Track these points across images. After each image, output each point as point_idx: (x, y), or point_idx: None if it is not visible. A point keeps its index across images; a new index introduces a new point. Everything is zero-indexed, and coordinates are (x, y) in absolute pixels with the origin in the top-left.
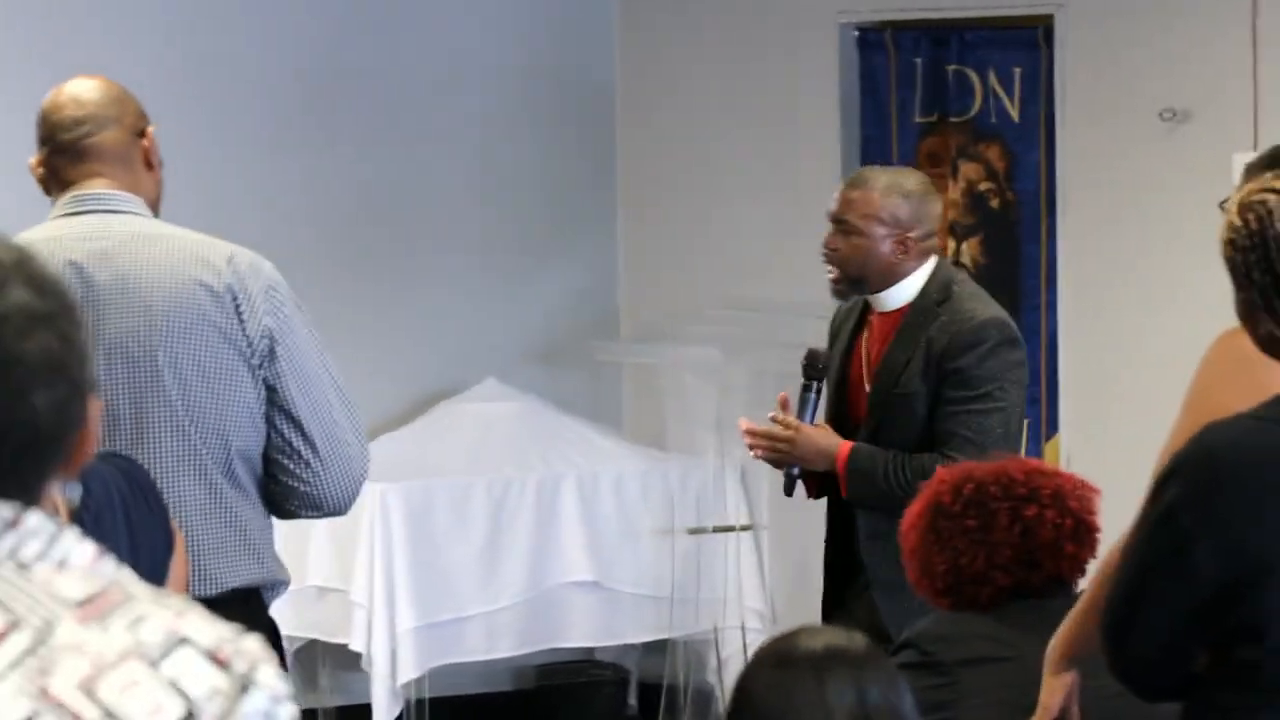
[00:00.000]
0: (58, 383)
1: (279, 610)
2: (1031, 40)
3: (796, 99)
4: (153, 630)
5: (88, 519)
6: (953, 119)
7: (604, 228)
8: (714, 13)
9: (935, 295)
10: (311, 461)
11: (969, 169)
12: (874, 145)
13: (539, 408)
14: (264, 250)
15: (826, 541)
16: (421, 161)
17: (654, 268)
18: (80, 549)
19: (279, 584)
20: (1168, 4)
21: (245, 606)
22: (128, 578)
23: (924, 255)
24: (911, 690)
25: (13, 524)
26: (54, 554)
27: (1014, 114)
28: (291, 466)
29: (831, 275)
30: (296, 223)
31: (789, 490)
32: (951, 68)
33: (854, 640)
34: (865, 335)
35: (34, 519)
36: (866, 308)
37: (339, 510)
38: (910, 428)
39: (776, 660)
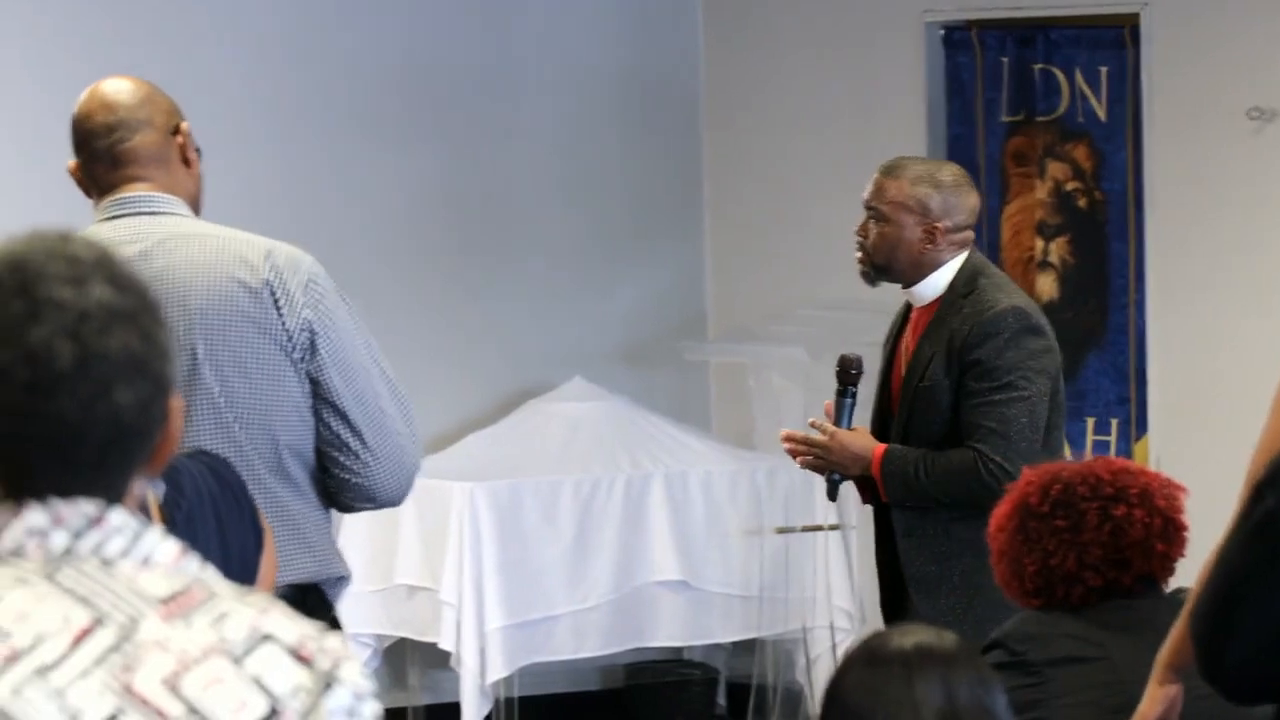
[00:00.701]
0: (140, 380)
1: (370, 609)
2: (1118, 39)
3: (882, 99)
4: (236, 627)
5: (180, 518)
6: (1039, 118)
7: (691, 227)
8: (799, 13)
9: (962, 288)
10: (361, 453)
11: (1056, 168)
12: (960, 145)
13: (626, 407)
14: (355, 248)
15: (876, 543)
16: (511, 162)
17: (740, 267)
18: (164, 547)
19: (339, 578)
20: (1254, 2)
21: (303, 603)
22: (211, 575)
23: (956, 248)
24: (1005, 690)
25: (96, 521)
26: (138, 551)
27: (1101, 113)
28: (342, 459)
29: (859, 259)
30: (389, 221)
31: (832, 495)
32: (1038, 67)
33: (945, 639)
34: (906, 332)
35: (118, 516)
36: (909, 305)
37: (393, 501)
38: (935, 421)
39: (867, 658)
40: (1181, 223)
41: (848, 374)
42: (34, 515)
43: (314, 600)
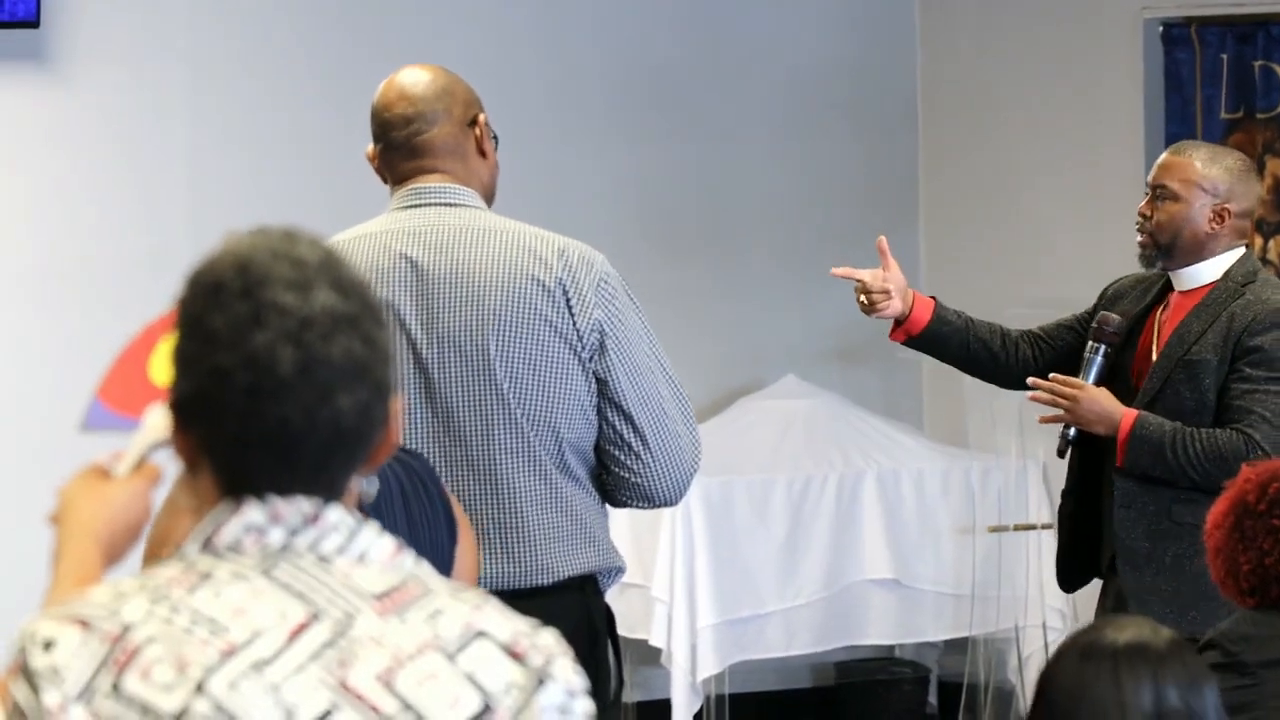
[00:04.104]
0: (361, 385)
1: None
2: None
3: (1100, 96)
4: (450, 623)
5: (366, 511)
6: (1259, 115)
7: (907, 227)
8: (1016, 10)
9: (1240, 277)
10: (641, 453)
11: (1276, 165)
12: (1182, 141)
13: (839, 405)
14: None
15: (1067, 513)
16: (729, 160)
17: (956, 267)
18: (380, 543)
19: (616, 570)
20: None
21: (581, 593)
22: (426, 571)
23: (1236, 235)
24: (1218, 691)
25: (313, 519)
26: (354, 548)
27: None
28: (622, 458)
29: (1141, 241)
30: (612, 218)
31: (1062, 452)
32: (1258, 63)
33: (1160, 636)
34: (1161, 310)
35: (334, 514)
36: (1167, 285)
37: (670, 501)
38: (1192, 397)
39: (1081, 651)
40: None
41: (1104, 332)
42: (252, 512)
43: (590, 591)
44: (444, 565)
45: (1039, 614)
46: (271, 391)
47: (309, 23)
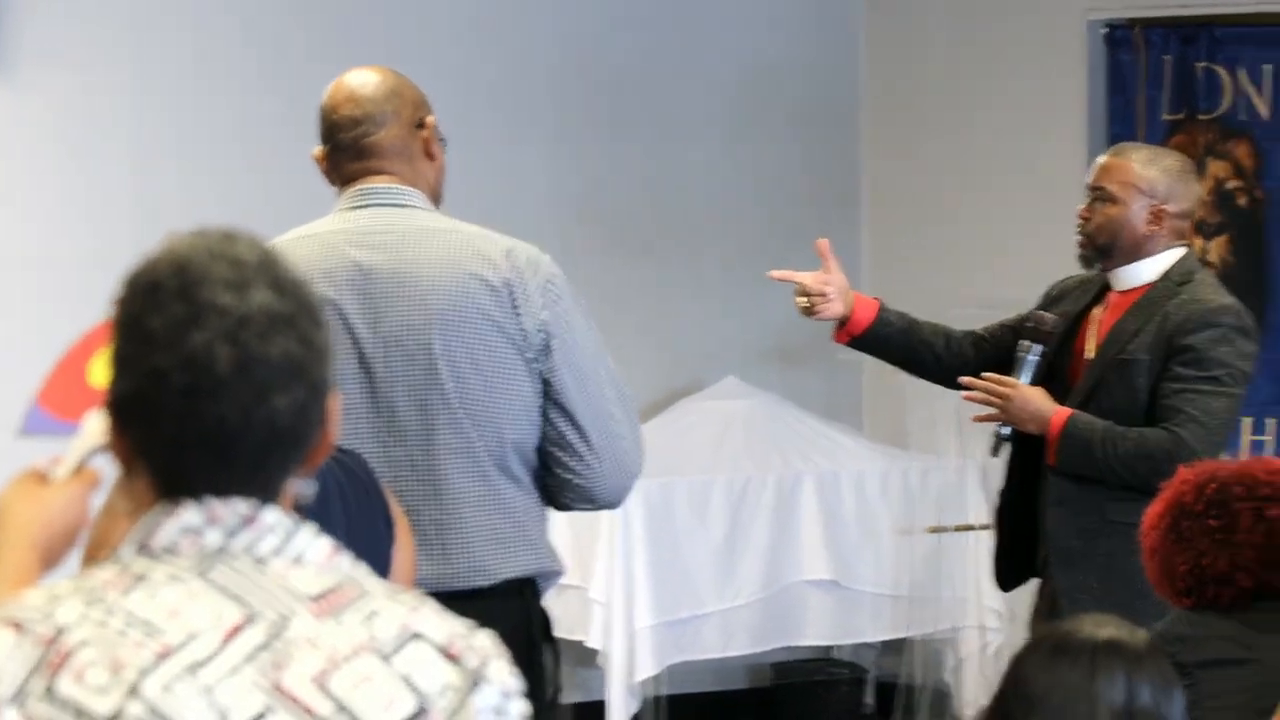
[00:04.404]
0: (298, 384)
1: None
2: None
3: (1044, 97)
4: (386, 625)
5: (306, 511)
6: (1201, 116)
7: (850, 227)
8: (960, 11)
9: (1178, 277)
10: (585, 455)
11: (1217, 167)
12: (1121, 143)
13: (779, 406)
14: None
15: (1003, 513)
16: (669, 161)
17: (898, 267)
18: (317, 545)
19: (554, 574)
20: None
21: (519, 596)
22: (363, 573)
23: (1175, 236)
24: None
25: (250, 521)
26: (290, 550)
27: (1263, 111)
28: (566, 460)
29: (1080, 242)
30: (552, 215)
31: (995, 451)
32: (1201, 65)
33: (1136, 636)
34: (1099, 310)
35: (271, 515)
36: (1107, 285)
37: (613, 503)
38: (1125, 396)
39: (1054, 644)
40: None
41: (1039, 331)
42: (188, 513)
43: (529, 595)
44: (382, 566)
45: (976, 615)
46: (209, 391)
47: (254, 24)
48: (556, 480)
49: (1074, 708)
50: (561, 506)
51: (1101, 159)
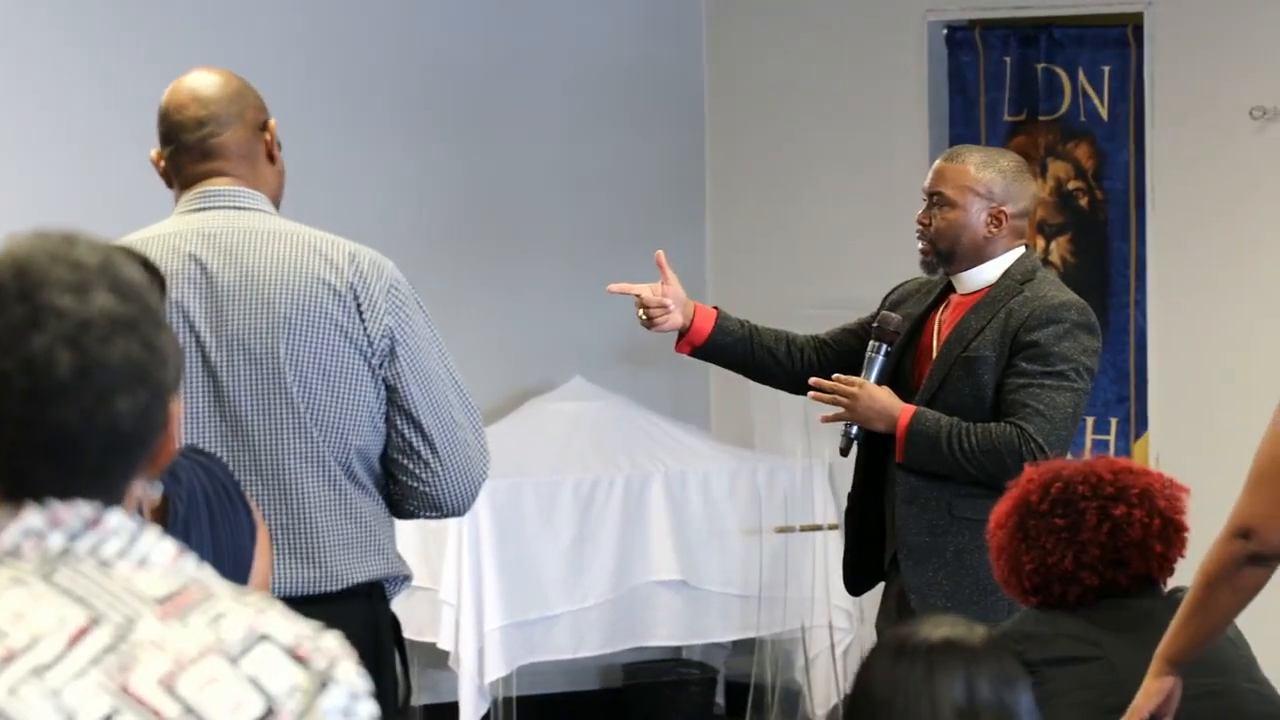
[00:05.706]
0: (140, 388)
1: None
2: (1121, 38)
3: (886, 98)
4: (233, 627)
5: (178, 513)
6: (1041, 117)
7: (694, 227)
8: (802, 12)
9: (1020, 276)
10: (431, 462)
11: (1058, 168)
12: (962, 144)
13: (626, 407)
14: (361, 242)
15: (851, 510)
16: (510, 160)
17: (742, 267)
18: (161, 547)
19: (403, 578)
20: (1257, 2)
21: (368, 600)
22: (208, 575)
23: (1014, 236)
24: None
25: (94, 523)
26: (135, 552)
27: (1103, 112)
28: (411, 467)
29: (922, 249)
30: (394, 216)
31: (845, 451)
32: (1040, 66)
33: (974, 633)
34: (942, 311)
35: (115, 518)
36: (949, 287)
37: (458, 511)
38: (970, 393)
39: (895, 647)
40: (1183, 222)
41: (884, 331)
42: (31, 516)
43: (377, 599)
44: (246, 569)
45: (825, 614)
46: (49, 395)
47: (86, 24)
48: (402, 488)
49: (916, 708)
50: (407, 515)
51: (937, 164)
